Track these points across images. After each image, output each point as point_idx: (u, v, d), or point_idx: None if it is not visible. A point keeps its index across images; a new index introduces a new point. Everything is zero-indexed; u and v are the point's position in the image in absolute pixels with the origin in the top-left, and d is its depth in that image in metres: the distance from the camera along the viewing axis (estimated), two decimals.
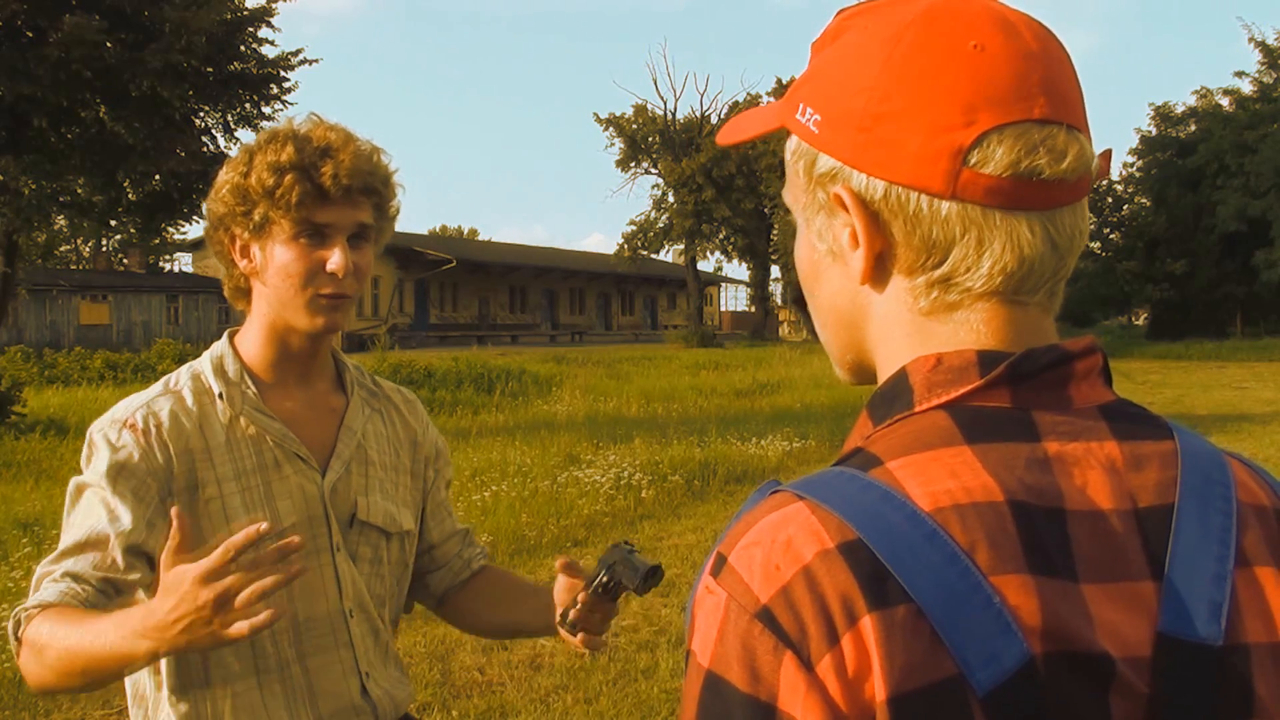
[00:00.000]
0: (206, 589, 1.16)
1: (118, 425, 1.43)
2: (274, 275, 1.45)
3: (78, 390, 18.37)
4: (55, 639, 1.27)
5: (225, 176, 1.46)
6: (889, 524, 0.62)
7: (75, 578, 1.34)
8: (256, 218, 1.43)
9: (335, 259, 1.43)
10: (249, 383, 1.50)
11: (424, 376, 19.04)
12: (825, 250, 0.74)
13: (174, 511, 1.23)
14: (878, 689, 0.59)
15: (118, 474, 1.40)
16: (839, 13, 0.75)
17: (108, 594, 1.35)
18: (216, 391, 1.49)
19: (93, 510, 1.39)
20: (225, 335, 1.56)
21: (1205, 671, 0.63)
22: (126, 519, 1.37)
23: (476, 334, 44.90)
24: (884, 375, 0.73)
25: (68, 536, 1.38)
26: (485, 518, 7.55)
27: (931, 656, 0.59)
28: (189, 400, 1.48)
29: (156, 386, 1.50)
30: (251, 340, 1.53)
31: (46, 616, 1.30)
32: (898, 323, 0.72)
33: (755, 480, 9.24)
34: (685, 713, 0.64)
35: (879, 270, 0.71)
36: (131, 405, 1.46)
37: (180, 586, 1.17)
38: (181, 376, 1.51)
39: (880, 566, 0.60)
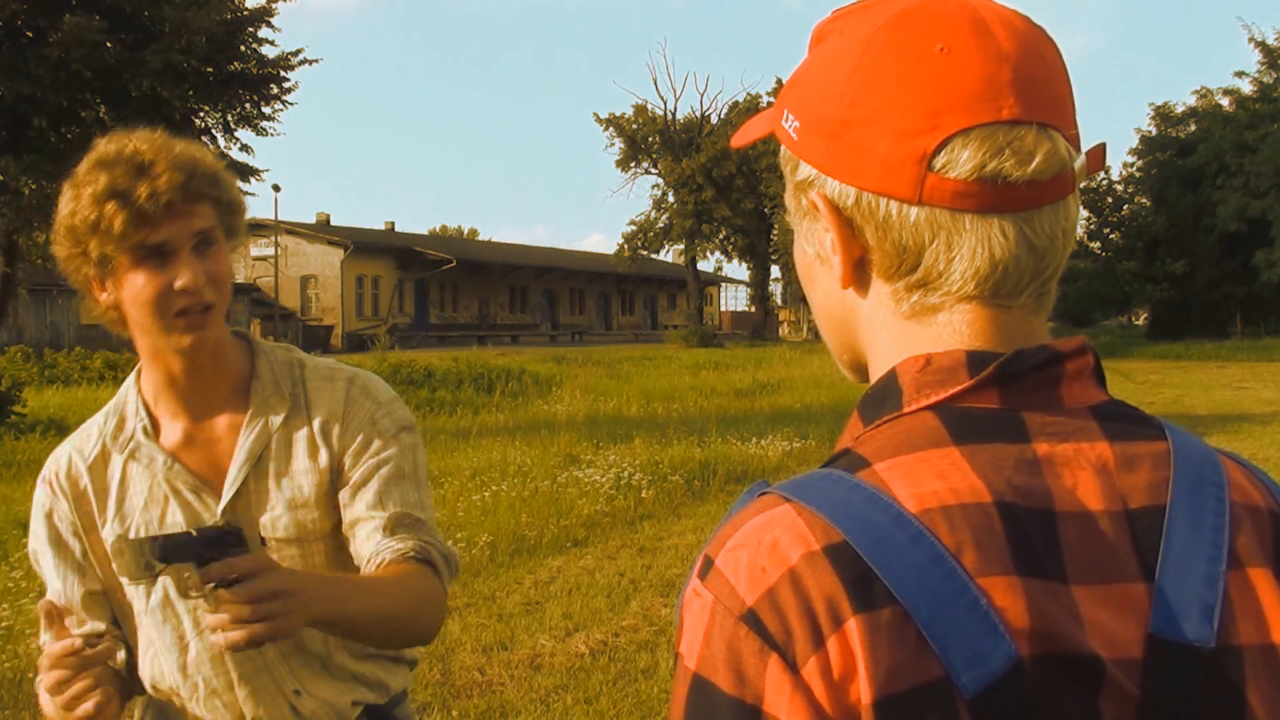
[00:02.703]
0: (51, 696, 1.33)
1: (41, 482, 1.56)
2: (130, 306, 1.42)
3: (78, 390, 18.37)
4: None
5: (59, 216, 1.42)
6: (875, 526, 0.61)
7: None
8: (94, 255, 1.39)
9: (183, 276, 1.39)
10: (144, 416, 1.51)
11: (424, 376, 19.02)
12: (814, 254, 0.75)
13: (41, 604, 1.36)
14: (863, 691, 0.59)
15: (42, 535, 1.55)
16: (831, 13, 0.75)
17: (92, 644, 1.43)
18: (109, 431, 1.53)
19: (49, 578, 1.54)
20: (136, 369, 1.55)
21: (1197, 674, 0.62)
22: (58, 582, 1.52)
23: (476, 334, 44.92)
24: (875, 375, 0.73)
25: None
26: (485, 518, 7.55)
27: (918, 659, 0.59)
28: (91, 443, 1.54)
29: (74, 433, 1.59)
30: (145, 370, 1.53)
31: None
32: (883, 325, 0.72)
33: (755, 480, 9.21)
34: (673, 715, 0.64)
35: (859, 275, 0.72)
36: (50, 458, 1.58)
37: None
38: (98, 417, 1.57)
39: (866, 569, 0.60)
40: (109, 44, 12.66)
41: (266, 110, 14.84)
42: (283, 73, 14.78)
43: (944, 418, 0.67)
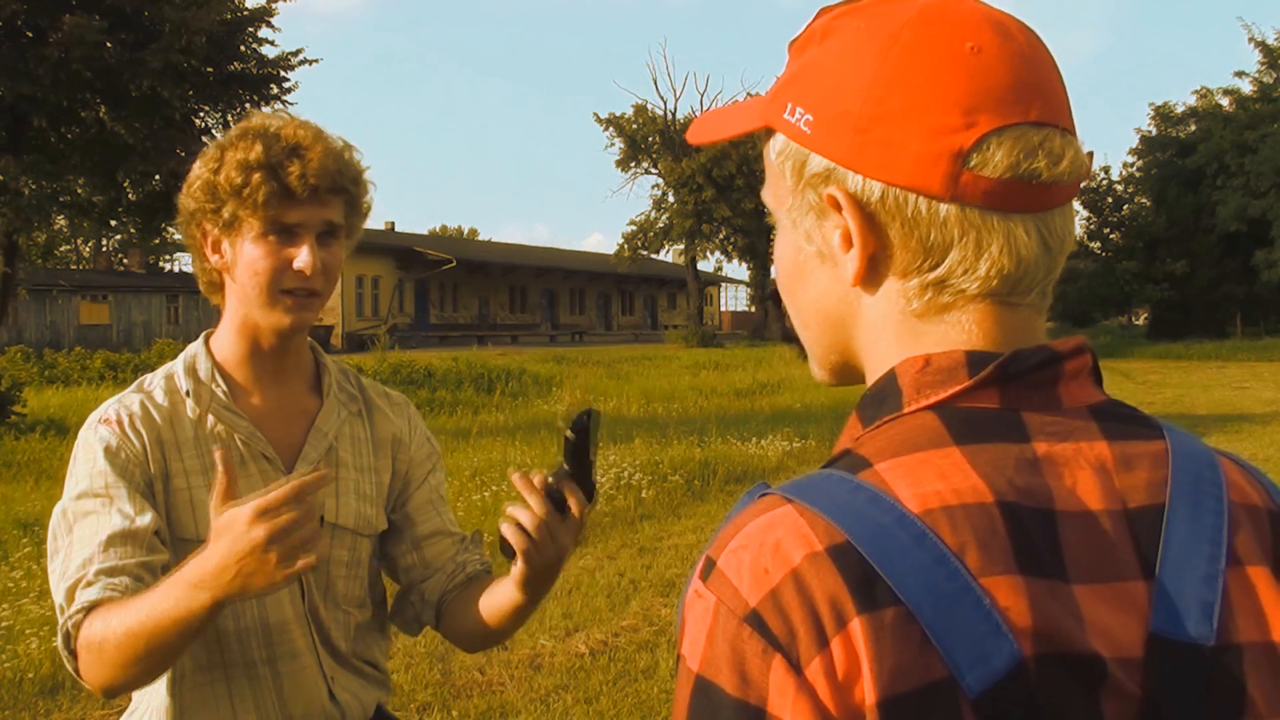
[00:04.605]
0: (260, 526, 1.19)
1: (93, 425, 1.47)
2: (242, 272, 1.46)
3: (78, 390, 18.35)
4: (110, 630, 1.28)
5: (197, 171, 1.47)
6: (878, 526, 0.62)
7: (110, 573, 1.35)
8: (226, 215, 1.44)
9: (303, 257, 1.44)
10: (219, 381, 1.52)
11: (424, 376, 19.02)
12: (814, 251, 0.74)
13: (218, 454, 1.26)
14: (867, 692, 0.59)
15: (106, 471, 1.42)
16: (821, 12, 0.74)
17: (144, 580, 1.36)
18: (184, 389, 1.51)
19: (98, 514, 1.40)
20: (201, 336, 1.57)
21: (1197, 672, 0.62)
22: (130, 507, 1.40)
23: (476, 334, 44.86)
24: (873, 377, 0.73)
25: (81, 546, 1.38)
26: (485, 518, 7.54)
27: (921, 659, 0.59)
28: (160, 397, 1.50)
29: (130, 387, 1.53)
30: (224, 337, 1.54)
31: (96, 615, 1.32)
32: (888, 324, 0.72)
33: (755, 480, 9.22)
34: (676, 717, 0.64)
35: (871, 272, 0.71)
36: (105, 405, 1.50)
37: (233, 527, 1.20)
38: (155, 377, 1.54)
39: (869, 569, 0.60)
40: (109, 44, 12.65)
41: (266, 110, 14.82)
42: (283, 73, 14.78)
43: (944, 418, 0.67)
